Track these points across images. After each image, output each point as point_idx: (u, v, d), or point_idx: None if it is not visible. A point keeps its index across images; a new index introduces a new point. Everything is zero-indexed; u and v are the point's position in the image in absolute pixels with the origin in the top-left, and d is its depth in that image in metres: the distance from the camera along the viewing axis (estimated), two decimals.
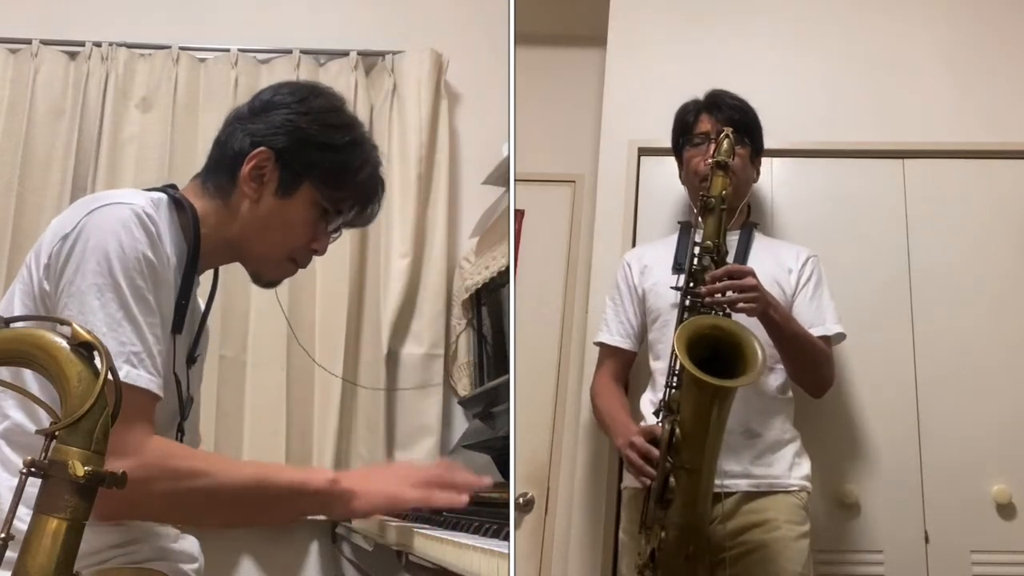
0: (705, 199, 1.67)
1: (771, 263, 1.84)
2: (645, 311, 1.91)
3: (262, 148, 1.34)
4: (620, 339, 1.93)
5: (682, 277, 1.70)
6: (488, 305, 2.67)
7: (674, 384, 1.58)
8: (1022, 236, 2.19)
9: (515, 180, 2.31)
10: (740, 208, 1.89)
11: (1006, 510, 2.00)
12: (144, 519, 1.24)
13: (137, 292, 1.15)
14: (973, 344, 2.12)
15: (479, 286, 2.58)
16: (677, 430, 1.50)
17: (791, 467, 1.75)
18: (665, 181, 2.33)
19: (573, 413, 2.32)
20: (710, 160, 1.70)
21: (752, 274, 1.64)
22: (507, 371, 2.24)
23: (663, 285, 1.83)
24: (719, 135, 1.75)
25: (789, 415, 1.82)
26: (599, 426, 1.98)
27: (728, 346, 1.52)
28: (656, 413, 1.65)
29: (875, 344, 2.10)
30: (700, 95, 1.97)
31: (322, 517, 2.58)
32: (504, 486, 1.72)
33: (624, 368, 1.96)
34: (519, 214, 2.61)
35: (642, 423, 1.75)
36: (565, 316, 2.53)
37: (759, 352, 1.48)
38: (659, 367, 1.81)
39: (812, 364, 1.80)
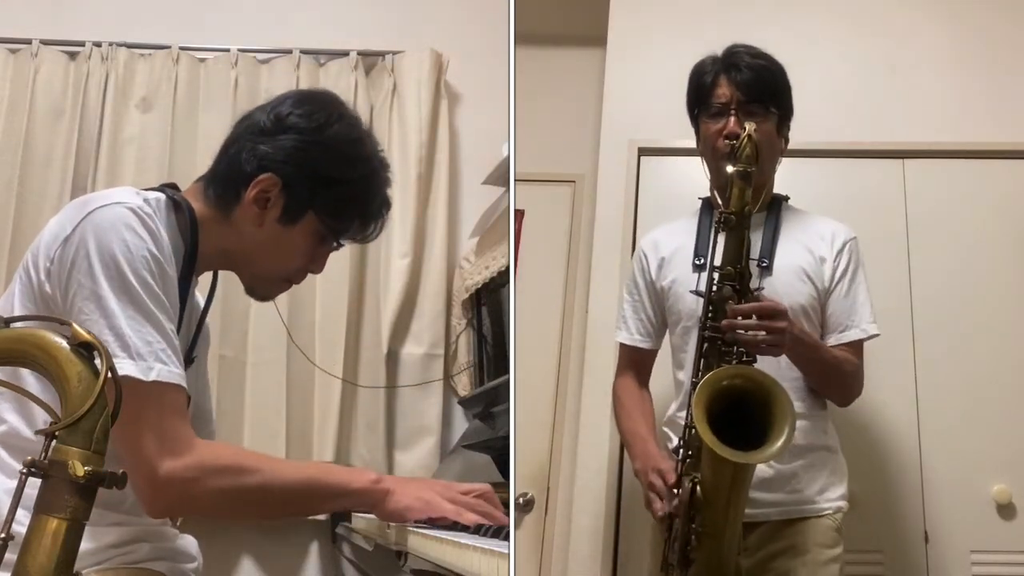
0: (724, 216, 1.45)
1: (802, 253, 1.64)
2: (664, 308, 1.74)
3: (269, 175, 1.31)
4: (640, 338, 1.77)
5: (703, 276, 1.52)
6: (488, 305, 2.67)
7: (692, 425, 1.41)
8: (1022, 236, 2.20)
9: (515, 180, 2.31)
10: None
11: (1006, 510, 2.00)
12: (199, 514, 1.29)
13: (150, 290, 1.15)
14: (973, 345, 2.12)
15: (479, 286, 2.58)
16: (698, 489, 1.38)
17: (825, 488, 1.60)
18: (665, 181, 2.34)
19: (573, 413, 2.33)
20: (730, 168, 1.45)
21: (784, 315, 1.45)
22: (507, 371, 2.24)
23: (682, 285, 1.64)
24: (738, 105, 1.58)
25: (825, 426, 1.66)
26: (619, 436, 1.86)
27: (753, 396, 1.37)
28: (676, 451, 1.51)
29: (875, 344, 2.09)
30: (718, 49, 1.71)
31: (323, 516, 2.59)
32: (504, 486, 1.72)
33: (646, 366, 1.81)
34: (519, 214, 2.61)
35: (668, 443, 1.64)
36: (565, 316, 2.53)
37: (788, 416, 1.33)
38: (683, 378, 1.64)
39: (839, 384, 1.65)
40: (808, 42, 2.40)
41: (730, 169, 1.45)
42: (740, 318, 1.43)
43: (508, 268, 2.32)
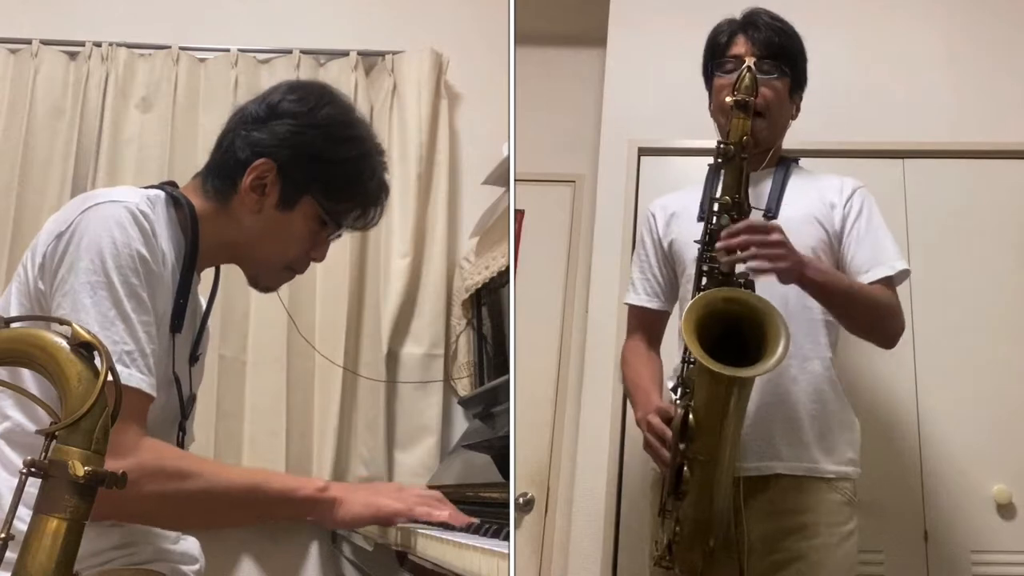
0: (723, 147, 1.42)
1: (811, 200, 1.61)
2: (673, 265, 1.70)
3: (264, 160, 1.32)
4: (647, 298, 1.72)
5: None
6: (488, 305, 2.67)
7: (690, 360, 1.40)
8: (1022, 236, 2.20)
9: (515, 180, 2.31)
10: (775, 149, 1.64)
11: (1006, 510, 2.00)
12: (132, 520, 1.24)
13: (131, 290, 1.15)
14: (973, 344, 2.12)
15: (479, 286, 2.58)
16: (691, 416, 1.34)
17: (832, 446, 1.52)
18: (665, 181, 2.34)
19: (573, 413, 2.33)
20: (729, 98, 1.45)
21: (778, 229, 1.40)
22: (507, 371, 2.24)
23: (688, 235, 1.59)
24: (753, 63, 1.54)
25: (832, 374, 1.58)
26: (623, 391, 1.79)
27: (748, 321, 1.33)
28: (674, 389, 1.49)
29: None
30: (735, 16, 1.72)
31: None
32: (504, 486, 1.72)
33: (655, 328, 1.75)
34: (519, 214, 2.61)
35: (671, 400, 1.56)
36: (565, 316, 2.53)
37: (782, 333, 1.29)
38: None
39: (872, 320, 1.55)
40: (808, 42, 2.40)
41: (728, 99, 1.44)
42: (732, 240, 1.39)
43: (508, 268, 2.32)
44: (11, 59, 2.77)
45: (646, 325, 1.75)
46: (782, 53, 1.62)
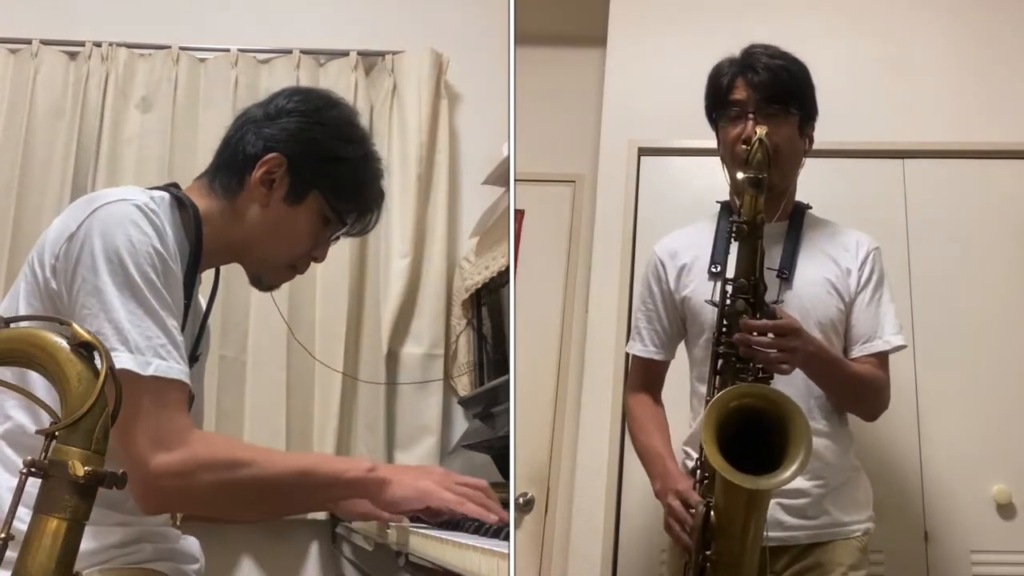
0: (736, 226, 1.38)
1: (827, 265, 1.59)
2: (682, 317, 1.67)
3: (275, 154, 1.34)
4: (655, 350, 1.70)
5: (718, 286, 1.47)
6: (488, 305, 2.67)
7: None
8: (1022, 236, 2.20)
9: (515, 180, 2.31)
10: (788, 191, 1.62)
11: (1006, 510, 2.01)
12: (192, 511, 1.26)
13: (152, 286, 1.16)
14: (973, 344, 2.12)
15: (479, 286, 2.58)
16: (712, 514, 1.32)
17: (853, 509, 1.55)
18: (665, 181, 2.34)
19: (573, 413, 2.33)
20: (740, 175, 1.40)
21: (798, 334, 1.39)
22: (507, 371, 2.24)
23: (702, 293, 1.57)
24: (756, 107, 1.52)
25: (849, 445, 1.60)
26: (636, 454, 1.75)
27: (767, 416, 1.31)
28: (693, 472, 1.49)
29: None
30: (735, 52, 1.64)
31: (323, 516, 2.59)
32: (504, 486, 1.72)
33: (659, 377, 1.75)
34: (519, 214, 2.61)
35: (687, 463, 1.58)
36: (565, 316, 2.53)
37: (804, 436, 1.26)
38: (703, 391, 1.54)
39: (862, 399, 1.59)
40: (808, 42, 2.38)
41: (740, 176, 1.39)
42: (755, 334, 1.38)
43: (508, 268, 2.32)
44: (11, 59, 2.78)
45: (651, 376, 1.73)
46: (785, 92, 1.56)
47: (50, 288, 1.18)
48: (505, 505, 1.34)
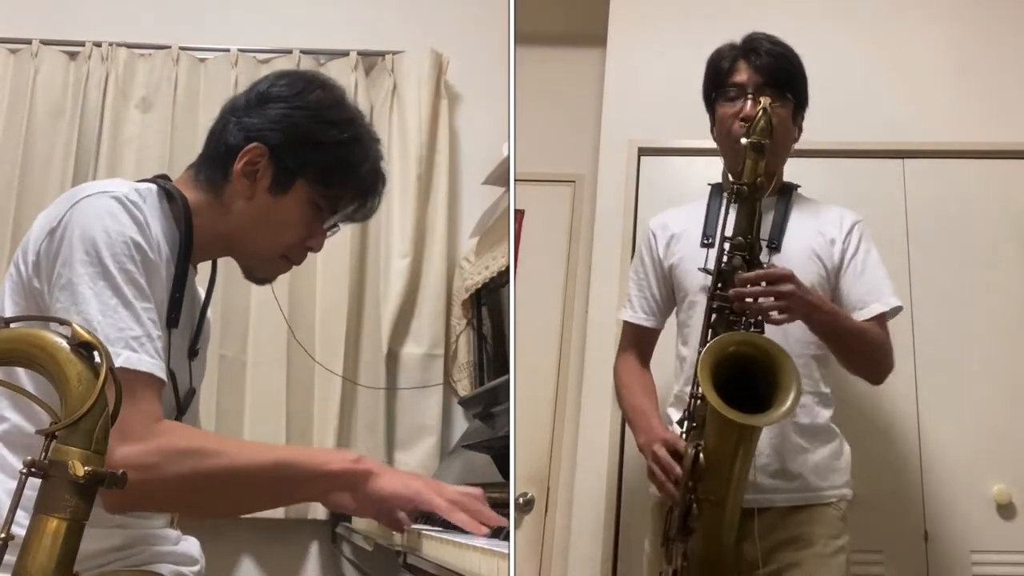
0: (736, 187, 1.44)
1: (812, 234, 1.64)
2: (672, 286, 1.73)
3: (255, 144, 1.30)
4: (644, 316, 1.75)
5: (711, 253, 1.52)
6: (488, 305, 2.67)
7: (698, 395, 1.44)
8: (1022, 236, 2.20)
9: (515, 180, 2.31)
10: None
11: (1006, 510, 2.01)
12: (157, 509, 1.21)
13: (128, 276, 1.13)
14: (973, 344, 2.12)
15: (479, 286, 2.58)
16: (701, 456, 1.36)
17: (830, 474, 1.57)
18: (665, 181, 2.34)
19: (573, 413, 2.33)
20: (744, 139, 1.46)
21: (791, 279, 1.43)
22: (507, 371, 2.24)
23: (690, 261, 1.64)
24: (756, 89, 1.58)
25: (829, 408, 1.63)
26: (622, 414, 1.80)
27: (760, 364, 1.37)
28: (680, 422, 1.52)
29: None
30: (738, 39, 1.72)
31: (323, 516, 2.59)
32: (504, 486, 1.71)
33: (649, 346, 1.79)
34: (519, 214, 2.61)
35: (670, 427, 1.60)
36: (565, 316, 2.53)
37: (794, 382, 1.32)
38: (688, 354, 1.63)
39: (866, 356, 1.60)
40: (808, 42, 2.39)
41: (744, 140, 1.45)
42: (748, 286, 1.42)
43: (508, 268, 2.32)
44: (11, 59, 2.78)
45: (639, 342, 1.78)
46: (784, 78, 1.63)
47: (32, 286, 1.17)
48: (505, 505, 1.33)
